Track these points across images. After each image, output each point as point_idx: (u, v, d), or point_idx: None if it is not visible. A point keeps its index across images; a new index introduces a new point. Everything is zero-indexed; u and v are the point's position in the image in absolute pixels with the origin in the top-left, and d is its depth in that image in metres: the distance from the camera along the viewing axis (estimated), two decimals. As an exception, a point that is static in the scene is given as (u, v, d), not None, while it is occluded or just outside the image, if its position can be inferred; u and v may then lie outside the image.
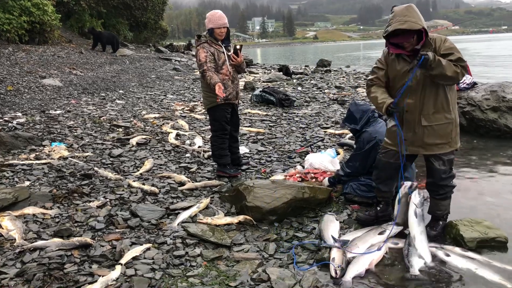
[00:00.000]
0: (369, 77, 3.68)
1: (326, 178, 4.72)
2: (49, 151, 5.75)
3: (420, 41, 3.29)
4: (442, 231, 3.68)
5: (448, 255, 3.30)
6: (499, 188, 4.85)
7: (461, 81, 7.56)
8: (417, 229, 3.34)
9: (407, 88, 3.36)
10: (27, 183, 4.64)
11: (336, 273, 3.08)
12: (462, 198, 4.49)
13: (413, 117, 3.45)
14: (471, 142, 6.87)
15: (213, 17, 4.80)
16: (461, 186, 4.66)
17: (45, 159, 5.46)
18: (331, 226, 3.70)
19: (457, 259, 3.25)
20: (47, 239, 3.47)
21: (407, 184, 3.51)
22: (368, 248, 3.36)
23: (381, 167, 3.78)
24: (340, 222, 3.88)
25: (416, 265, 3.14)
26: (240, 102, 5.16)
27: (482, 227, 3.58)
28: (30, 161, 5.31)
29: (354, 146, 4.78)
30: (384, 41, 3.49)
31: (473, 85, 7.70)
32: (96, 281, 2.94)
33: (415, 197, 3.43)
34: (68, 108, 8.53)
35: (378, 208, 3.94)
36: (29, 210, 3.94)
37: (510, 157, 6.03)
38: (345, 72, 18.53)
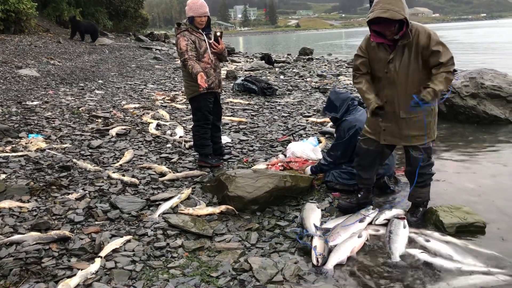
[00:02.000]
0: (354, 66, 3.62)
1: (309, 167, 4.72)
2: (26, 143, 5.62)
3: (400, 31, 3.22)
4: (422, 217, 3.72)
5: (428, 241, 3.33)
6: (477, 174, 4.92)
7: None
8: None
9: (384, 80, 3.35)
10: (3, 176, 4.52)
11: (317, 261, 3.08)
12: (442, 184, 4.54)
13: (391, 108, 3.43)
14: (451, 128, 6.96)
15: (194, 5, 4.71)
16: (440, 172, 4.72)
17: (22, 151, 5.33)
18: (312, 214, 3.71)
19: (437, 244, 3.29)
20: (24, 233, 3.38)
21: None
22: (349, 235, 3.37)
23: (362, 155, 3.77)
24: (321, 210, 3.89)
25: (397, 252, 3.16)
26: (222, 91, 5.10)
27: (461, 212, 3.63)
28: (6, 154, 5.18)
29: (335, 135, 4.77)
30: (366, 28, 3.46)
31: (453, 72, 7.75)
32: (75, 274, 2.89)
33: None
34: (46, 99, 8.35)
35: (359, 196, 3.95)
36: (5, 203, 3.83)
37: (489, 143, 6.12)
38: (327, 60, 18.56)
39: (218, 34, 4.86)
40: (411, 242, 3.35)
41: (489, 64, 12.59)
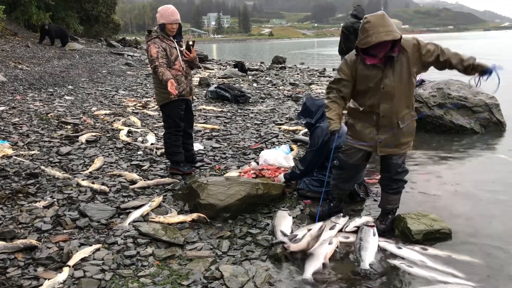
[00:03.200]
0: (332, 82, 3.59)
1: (282, 174, 4.74)
2: (-9, 150, 5.45)
3: (394, 48, 3.23)
4: (391, 224, 3.79)
5: (399, 248, 3.40)
6: (444, 181, 5.06)
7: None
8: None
9: (381, 95, 3.36)
10: (-34, 183, 4.39)
11: None
12: (410, 192, 4.65)
13: (389, 121, 3.44)
14: (418, 137, 7.09)
15: (165, 13, 4.69)
16: (408, 180, 4.81)
17: (-14, 158, 5.18)
18: (284, 221, 3.73)
19: (407, 251, 3.36)
20: (-12, 243, 3.29)
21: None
22: (320, 243, 3.41)
23: (348, 168, 3.77)
24: (293, 218, 3.92)
25: (367, 259, 3.21)
26: (194, 98, 5.09)
27: (428, 219, 3.72)
28: (-30, 160, 5.02)
29: (309, 141, 4.82)
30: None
31: (421, 82, 7.99)
32: (41, 284, 2.82)
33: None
34: (13, 104, 8.13)
35: (332, 205, 4.00)
36: (-31, 212, 3.72)
37: (455, 151, 6.30)
38: (300, 69, 18.78)
39: (191, 43, 4.86)
40: (382, 250, 3.41)
41: (454, 75, 12.96)
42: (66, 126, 6.88)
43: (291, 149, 5.96)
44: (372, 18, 3.18)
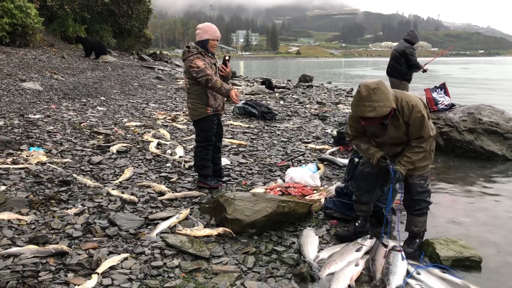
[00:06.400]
0: (347, 133, 3.77)
1: (334, 186, 4.70)
2: (27, 156, 5.64)
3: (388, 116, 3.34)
4: (418, 248, 3.74)
5: (418, 273, 3.34)
6: (473, 208, 4.96)
7: (439, 102, 7.75)
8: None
9: (382, 143, 3.58)
10: (3, 187, 4.54)
11: None
12: (438, 217, 4.57)
13: (395, 159, 3.59)
14: (448, 162, 7.02)
15: (210, 29, 4.82)
16: (436, 205, 4.75)
17: (22, 163, 5.36)
18: (310, 241, 3.72)
19: (431, 279, 3.30)
20: (22, 246, 3.39)
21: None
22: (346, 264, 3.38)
23: (362, 178, 3.84)
24: (319, 237, 3.91)
25: (394, 284, 3.16)
26: (224, 113, 5.17)
27: (457, 246, 3.65)
28: (7, 165, 5.19)
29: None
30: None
31: (451, 106, 7.89)
32: (71, 290, 2.89)
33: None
34: (48, 113, 8.40)
35: (357, 224, 3.98)
36: (4, 215, 3.84)
37: (485, 178, 6.18)
38: (327, 88, 18.78)
39: (227, 58, 4.97)
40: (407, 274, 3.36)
41: (482, 99, 12.77)
42: (98, 136, 7.05)
43: (318, 168, 5.95)
44: (363, 90, 3.21)
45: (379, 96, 3.17)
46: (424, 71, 8.91)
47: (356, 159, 4.28)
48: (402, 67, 8.67)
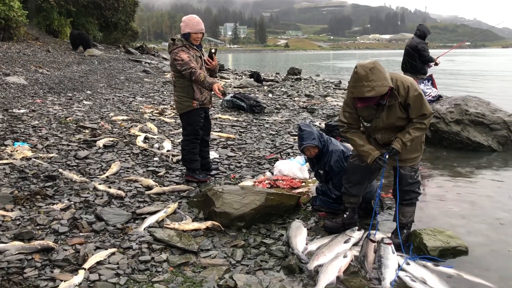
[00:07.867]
0: (341, 120, 3.64)
1: (314, 186, 4.67)
2: (11, 151, 5.55)
3: (385, 95, 3.28)
4: (406, 239, 3.76)
5: (408, 264, 3.36)
6: (460, 198, 5.01)
7: (426, 94, 7.79)
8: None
9: (376, 127, 3.51)
10: (-14, 183, 4.47)
11: None
12: (426, 208, 4.61)
13: (387, 143, 3.56)
14: (435, 153, 7.08)
15: (191, 22, 4.76)
16: (423, 196, 4.79)
17: (7, 159, 5.27)
18: (298, 233, 3.72)
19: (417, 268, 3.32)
20: (6, 242, 3.34)
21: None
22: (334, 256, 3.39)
23: (352, 170, 3.83)
24: (307, 229, 3.91)
25: (388, 277, 3.15)
26: (212, 106, 5.13)
27: (444, 236, 3.68)
28: (-9, 161, 5.11)
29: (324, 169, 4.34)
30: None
31: (438, 98, 7.95)
32: (57, 286, 2.86)
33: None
34: (33, 107, 8.28)
35: (345, 216, 3.99)
36: (-12, 212, 3.79)
37: (471, 168, 6.24)
38: (315, 81, 18.79)
39: (213, 51, 4.92)
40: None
41: (473, 92, 12.89)
42: (84, 131, 6.97)
43: (306, 161, 5.94)
44: (360, 70, 3.16)
45: (377, 75, 3.13)
46: (436, 64, 8.93)
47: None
48: (417, 62, 8.70)
